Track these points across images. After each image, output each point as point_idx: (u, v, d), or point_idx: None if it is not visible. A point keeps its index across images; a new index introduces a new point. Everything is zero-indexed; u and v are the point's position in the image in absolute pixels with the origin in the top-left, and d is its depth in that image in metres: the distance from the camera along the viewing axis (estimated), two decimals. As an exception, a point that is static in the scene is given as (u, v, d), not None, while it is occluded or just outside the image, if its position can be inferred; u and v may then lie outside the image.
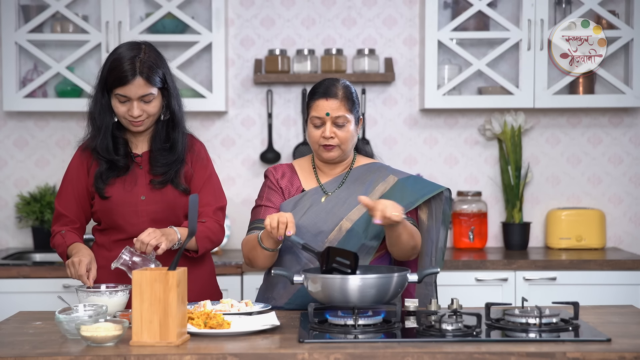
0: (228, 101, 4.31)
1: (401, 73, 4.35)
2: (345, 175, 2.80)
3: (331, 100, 2.70)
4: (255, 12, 4.34)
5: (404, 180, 2.75)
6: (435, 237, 2.75)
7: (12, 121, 4.32)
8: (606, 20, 4.12)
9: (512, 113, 4.25)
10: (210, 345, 2.15)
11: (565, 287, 3.84)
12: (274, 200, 2.78)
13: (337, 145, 2.71)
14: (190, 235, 2.22)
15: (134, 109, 2.69)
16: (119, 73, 2.67)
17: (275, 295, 2.73)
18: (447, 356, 2.06)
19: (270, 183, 2.81)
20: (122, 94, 2.68)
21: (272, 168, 2.84)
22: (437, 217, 2.75)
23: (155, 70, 2.71)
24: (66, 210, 2.80)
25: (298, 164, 2.87)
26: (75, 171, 2.82)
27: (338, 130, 2.70)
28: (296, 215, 2.71)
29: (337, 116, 2.69)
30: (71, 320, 2.22)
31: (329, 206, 2.73)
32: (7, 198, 4.34)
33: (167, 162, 2.77)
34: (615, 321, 2.43)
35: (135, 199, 2.76)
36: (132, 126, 2.74)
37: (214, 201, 2.81)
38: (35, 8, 4.17)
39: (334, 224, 2.70)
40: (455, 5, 4.24)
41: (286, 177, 2.82)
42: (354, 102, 2.74)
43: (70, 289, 3.69)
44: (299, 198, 2.76)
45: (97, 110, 2.75)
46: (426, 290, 2.76)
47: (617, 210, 4.37)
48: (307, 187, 2.80)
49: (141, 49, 2.72)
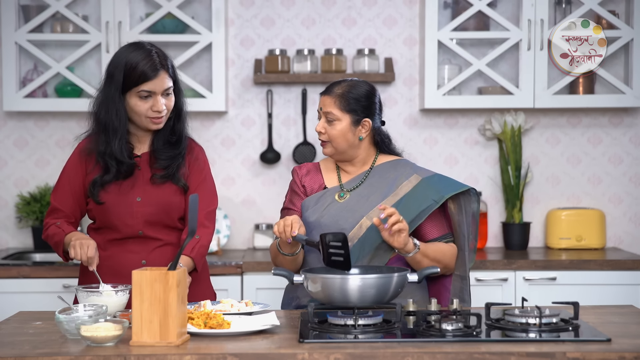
0: (228, 101, 4.32)
1: (401, 73, 4.35)
2: (366, 173, 2.83)
3: (326, 96, 2.78)
4: (255, 12, 4.34)
5: (428, 179, 2.78)
6: (467, 231, 2.78)
7: (12, 121, 4.32)
8: (606, 20, 4.12)
9: (512, 113, 4.25)
10: (210, 345, 2.15)
11: (565, 287, 3.84)
12: (296, 202, 2.86)
13: (328, 141, 2.78)
14: (190, 235, 2.22)
15: (159, 104, 2.69)
16: (140, 71, 2.66)
17: (300, 294, 2.76)
18: (447, 356, 2.06)
19: (294, 184, 2.90)
20: (147, 89, 2.67)
21: (298, 167, 2.93)
22: (467, 211, 2.78)
23: (170, 62, 2.75)
24: (62, 205, 2.79)
25: (324, 162, 2.94)
26: (72, 168, 2.80)
27: (328, 127, 2.77)
28: (317, 212, 2.77)
29: (327, 112, 2.76)
30: (71, 320, 2.22)
31: (350, 204, 2.77)
32: (7, 198, 4.34)
33: (171, 156, 2.78)
34: (615, 321, 2.43)
35: (131, 201, 2.76)
36: (153, 123, 2.73)
37: (205, 205, 2.80)
38: (35, 8, 4.17)
39: (355, 221, 2.72)
40: (455, 5, 4.24)
41: (310, 174, 2.89)
42: (353, 102, 2.75)
43: (71, 289, 3.69)
44: (321, 195, 2.82)
45: (113, 114, 2.70)
46: (462, 284, 2.79)
47: (617, 210, 4.37)
48: (329, 185, 2.86)
49: (148, 45, 2.73)
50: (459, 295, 2.77)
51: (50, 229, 2.77)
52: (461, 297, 2.77)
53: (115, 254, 2.77)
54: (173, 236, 2.82)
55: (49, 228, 2.78)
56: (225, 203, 4.31)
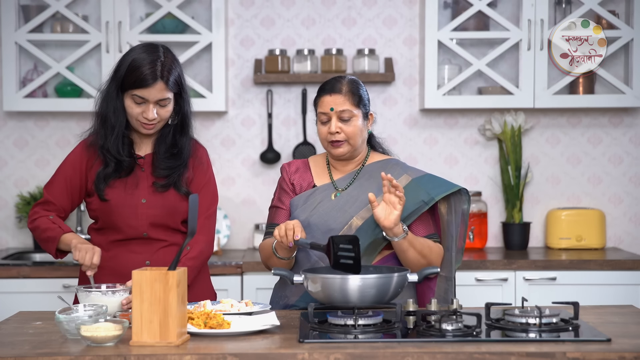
0: (228, 101, 4.32)
1: (401, 73, 4.35)
2: (357, 171, 2.80)
3: (335, 96, 2.71)
4: (255, 12, 4.34)
5: (417, 180, 2.74)
6: (456, 232, 2.74)
7: (12, 121, 4.32)
8: (606, 20, 4.12)
9: (512, 113, 4.25)
10: (210, 345, 2.15)
11: (565, 287, 3.84)
12: (284, 201, 2.82)
13: (345, 140, 2.72)
14: (190, 236, 2.21)
15: (150, 112, 2.68)
16: (140, 75, 2.64)
17: (288, 293, 2.74)
18: (447, 356, 2.06)
19: (283, 181, 2.85)
20: (140, 95, 2.66)
21: (287, 164, 2.88)
22: (456, 211, 2.73)
23: (174, 75, 2.70)
24: (54, 198, 2.76)
25: (313, 160, 2.89)
26: (71, 166, 2.78)
27: (344, 125, 2.71)
28: (306, 211, 2.74)
29: (342, 110, 2.70)
30: (71, 320, 2.22)
31: (339, 203, 2.74)
32: (7, 198, 4.34)
33: (171, 166, 2.76)
34: (615, 321, 2.42)
35: (136, 202, 2.75)
36: (144, 128, 2.72)
37: (206, 208, 2.80)
38: (35, 8, 4.17)
39: (345, 221, 2.70)
40: (455, 5, 4.24)
41: (299, 172, 2.85)
42: (361, 96, 2.74)
43: (71, 289, 3.69)
44: (310, 194, 2.79)
45: (112, 109, 2.71)
46: (447, 285, 2.75)
47: (617, 210, 4.37)
48: (319, 183, 2.82)
49: (160, 51, 2.71)
50: (443, 297, 2.73)
51: (41, 220, 2.73)
52: (446, 298, 2.72)
53: (119, 255, 2.75)
54: (178, 237, 2.80)
55: (39, 219, 2.74)
56: (225, 203, 4.31)
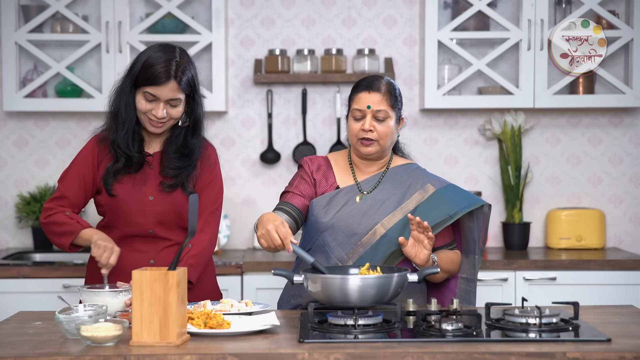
0: (228, 101, 4.32)
1: (401, 73, 4.35)
2: (382, 174, 2.79)
3: (373, 94, 2.70)
4: (255, 12, 4.34)
5: (442, 191, 2.73)
6: (478, 236, 2.74)
7: (12, 121, 4.32)
8: (606, 20, 4.12)
9: (512, 113, 4.25)
10: (210, 345, 2.15)
11: (565, 287, 3.84)
12: (302, 189, 2.78)
13: (376, 140, 2.71)
14: (190, 235, 2.22)
15: (159, 110, 2.69)
16: (153, 72, 2.66)
17: (302, 292, 2.72)
18: (447, 356, 2.06)
19: (304, 173, 2.81)
20: (152, 92, 2.68)
21: (308, 159, 2.85)
22: (478, 217, 2.73)
23: (187, 76, 2.72)
24: (69, 192, 2.77)
25: (333, 158, 2.86)
26: (83, 160, 2.79)
27: (378, 125, 2.70)
28: (329, 213, 2.72)
29: (378, 110, 2.70)
30: (71, 320, 2.22)
31: (364, 207, 2.72)
32: (7, 198, 4.34)
33: (179, 167, 2.77)
34: (615, 321, 2.43)
35: (143, 199, 2.76)
36: (152, 126, 2.73)
37: (210, 204, 2.81)
38: (35, 8, 4.17)
39: (369, 227, 2.69)
40: (455, 5, 4.24)
41: (321, 170, 2.81)
42: (397, 99, 2.74)
43: (71, 289, 3.69)
44: (334, 195, 2.76)
45: (123, 105, 2.73)
46: (469, 287, 2.76)
47: (617, 210, 4.37)
48: (342, 183, 2.80)
49: (177, 52, 2.73)
50: (465, 298, 2.75)
51: (59, 216, 2.74)
52: (468, 299, 2.75)
53: (124, 253, 2.73)
54: (183, 236, 2.81)
55: (56, 215, 2.74)
56: (225, 203, 4.31)
